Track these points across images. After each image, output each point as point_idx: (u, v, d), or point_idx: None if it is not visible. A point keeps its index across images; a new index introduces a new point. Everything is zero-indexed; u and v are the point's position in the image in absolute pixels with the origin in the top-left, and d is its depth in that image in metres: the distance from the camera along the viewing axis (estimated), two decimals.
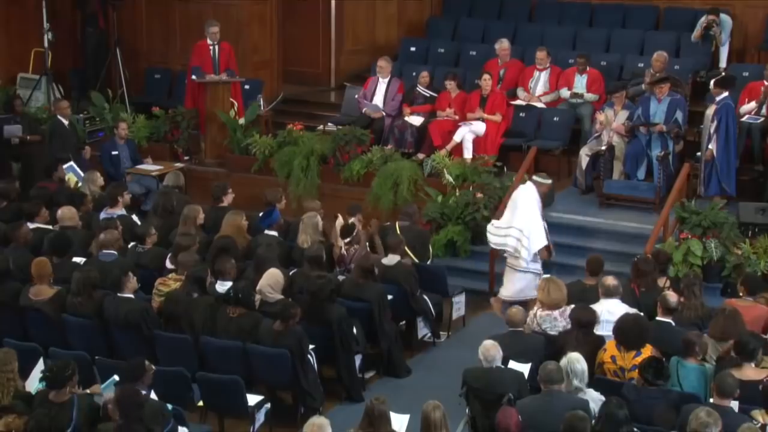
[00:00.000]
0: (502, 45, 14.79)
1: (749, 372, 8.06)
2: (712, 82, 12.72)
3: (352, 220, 11.16)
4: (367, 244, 11.12)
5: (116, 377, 8.09)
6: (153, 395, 7.97)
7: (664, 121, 12.77)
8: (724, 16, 14.85)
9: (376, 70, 14.82)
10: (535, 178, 11.41)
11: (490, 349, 8.23)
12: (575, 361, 7.89)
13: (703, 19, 14.79)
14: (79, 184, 13.04)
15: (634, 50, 15.12)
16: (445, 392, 8.57)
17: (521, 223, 11.03)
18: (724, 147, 12.20)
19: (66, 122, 14.26)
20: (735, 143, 12.34)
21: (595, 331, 8.89)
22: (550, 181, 11.47)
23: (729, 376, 7.67)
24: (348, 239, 10.93)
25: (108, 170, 14.05)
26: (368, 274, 10.19)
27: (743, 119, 13.01)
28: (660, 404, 7.74)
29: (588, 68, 14.34)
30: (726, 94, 12.31)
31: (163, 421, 7.65)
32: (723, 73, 13.21)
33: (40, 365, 8.57)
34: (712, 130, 12.29)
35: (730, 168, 12.29)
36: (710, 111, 12.41)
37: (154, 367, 7.99)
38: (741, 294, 9.43)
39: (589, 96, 14.17)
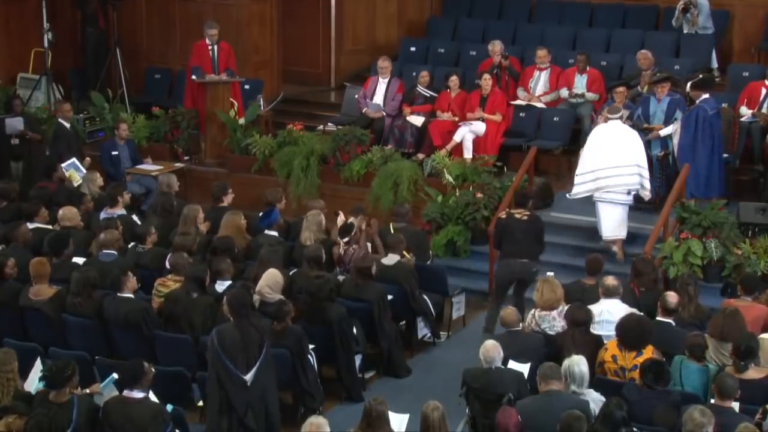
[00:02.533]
0: (494, 47, 14.78)
1: (750, 372, 8.08)
2: (688, 85, 12.69)
3: (351, 219, 11.16)
4: (369, 244, 11.13)
5: (115, 375, 8.09)
6: (152, 396, 7.96)
7: (664, 121, 12.75)
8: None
9: (378, 70, 14.82)
10: (609, 116, 11.96)
11: (491, 350, 8.23)
12: (575, 363, 7.87)
13: (680, 4, 14.89)
14: (80, 181, 13.04)
15: (634, 50, 15.05)
16: (445, 392, 8.60)
17: (641, 160, 11.80)
18: (690, 148, 12.11)
19: (68, 125, 14.24)
20: (708, 145, 12.04)
21: (594, 330, 8.91)
22: (620, 113, 12.07)
23: (729, 377, 7.68)
24: (346, 238, 10.92)
25: (108, 170, 14.04)
26: (366, 276, 10.19)
27: (743, 119, 13.02)
28: (660, 404, 7.74)
29: (588, 67, 14.34)
30: (706, 96, 12.21)
31: (161, 423, 7.66)
32: (701, 75, 13.15)
33: (38, 365, 8.57)
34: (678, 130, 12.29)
35: (697, 169, 12.07)
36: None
37: (153, 369, 7.97)
38: (739, 294, 9.44)
39: (590, 95, 14.17)
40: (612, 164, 11.77)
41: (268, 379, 8.45)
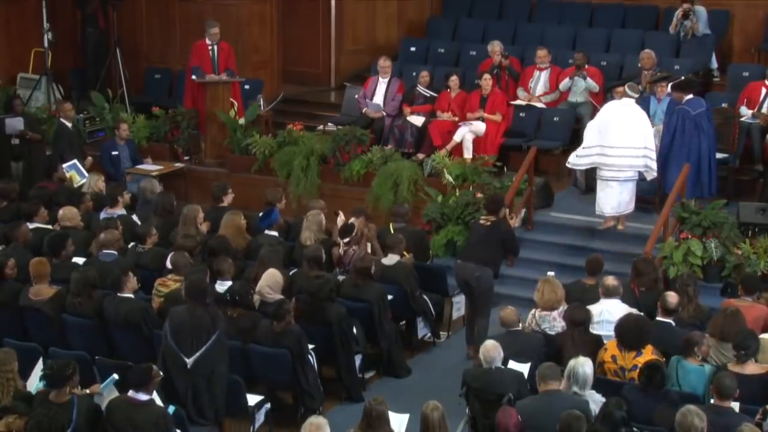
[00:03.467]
0: (494, 47, 14.77)
1: (751, 367, 8.12)
2: (669, 86, 12.66)
3: (352, 220, 11.15)
4: (369, 245, 11.12)
5: (115, 376, 8.09)
6: (156, 397, 7.96)
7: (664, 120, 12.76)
8: (698, 7, 14.91)
9: (379, 69, 14.81)
10: (629, 91, 12.04)
11: (491, 350, 8.23)
12: (580, 365, 7.85)
13: (679, 11, 14.88)
14: (81, 181, 13.04)
15: (634, 50, 15.10)
16: (445, 392, 8.59)
17: (649, 142, 11.85)
18: (667, 147, 12.12)
19: (69, 125, 14.24)
20: (694, 144, 12.07)
21: (594, 330, 8.91)
22: (639, 93, 12.19)
23: (727, 377, 7.67)
24: (347, 239, 10.91)
25: (108, 170, 14.05)
26: (366, 276, 10.19)
27: (742, 119, 13.02)
28: (660, 405, 7.73)
29: (586, 66, 14.31)
30: (689, 97, 12.18)
31: (163, 427, 7.66)
32: (682, 77, 13.11)
33: (40, 365, 8.57)
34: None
35: (670, 168, 12.16)
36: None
37: (161, 374, 7.98)
38: (740, 294, 9.44)
39: (591, 83, 14.10)
40: (621, 144, 11.82)
41: (216, 366, 8.59)
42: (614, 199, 11.97)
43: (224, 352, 8.68)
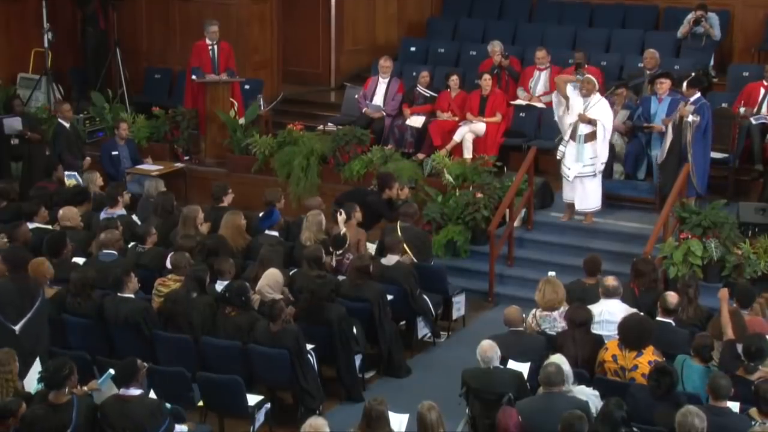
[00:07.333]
0: (494, 47, 14.78)
1: (756, 373, 8.07)
2: (686, 83, 12.57)
3: (343, 230, 11.07)
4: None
5: (111, 371, 8.09)
6: (152, 394, 7.96)
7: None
8: (711, 13, 14.88)
9: (380, 69, 14.81)
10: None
11: (487, 351, 8.23)
12: (552, 364, 7.84)
13: (690, 15, 14.83)
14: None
15: (634, 50, 15.13)
16: (445, 392, 8.59)
17: None
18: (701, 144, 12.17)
19: (67, 125, 14.24)
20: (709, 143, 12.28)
21: (594, 330, 8.91)
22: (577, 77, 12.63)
23: (723, 377, 7.65)
24: (340, 251, 10.85)
25: (108, 170, 14.05)
26: (365, 275, 10.18)
27: (749, 119, 13.00)
28: (662, 405, 7.72)
29: (585, 65, 14.28)
30: (699, 94, 12.24)
31: (159, 418, 7.66)
32: (693, 74, 13.10)
33: (37, 365, 8.56)
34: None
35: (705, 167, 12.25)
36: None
37: (146, 365, 7.98)
38: (735, 306, 9.27)
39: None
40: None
41: (41, 333, 8.74)
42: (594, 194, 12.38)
43: (46, 321, 8.84)
